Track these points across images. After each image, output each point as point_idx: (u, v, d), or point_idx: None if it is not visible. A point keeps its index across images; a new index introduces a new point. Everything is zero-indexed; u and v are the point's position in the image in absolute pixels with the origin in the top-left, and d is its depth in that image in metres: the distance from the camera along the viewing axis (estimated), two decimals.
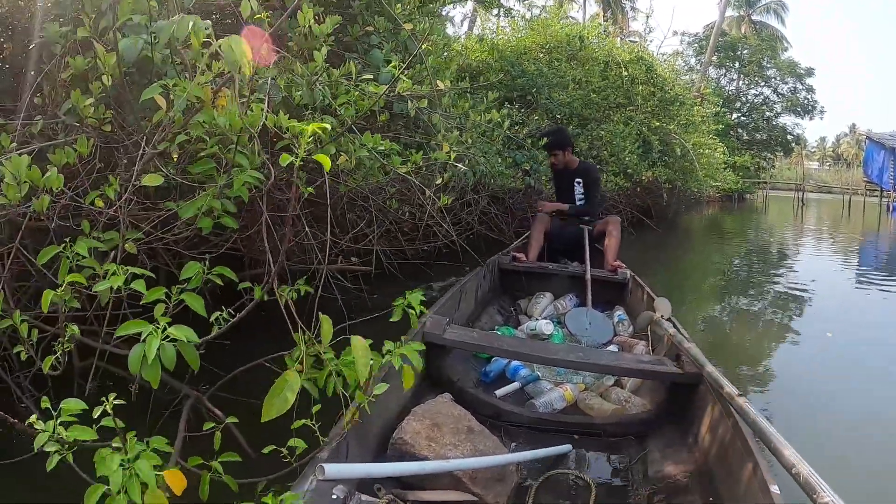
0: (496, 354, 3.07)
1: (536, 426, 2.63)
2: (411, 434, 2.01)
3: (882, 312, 6.94)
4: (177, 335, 1.38)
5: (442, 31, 5.29)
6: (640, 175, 11.03)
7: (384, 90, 2.63)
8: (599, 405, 2.78)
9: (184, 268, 1.77)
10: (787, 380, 4.22)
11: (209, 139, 1.90)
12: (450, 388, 2.76)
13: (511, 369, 3.16)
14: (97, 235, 1.87)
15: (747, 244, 13.74)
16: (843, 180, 51.66)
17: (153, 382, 1.36)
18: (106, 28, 2.17)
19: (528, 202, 8.09)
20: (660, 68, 13.63)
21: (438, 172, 3.38)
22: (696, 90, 18.23)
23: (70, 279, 1.52)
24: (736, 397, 1.94)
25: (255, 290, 2.11)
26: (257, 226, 2.45)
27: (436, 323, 2.83)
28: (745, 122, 38.20)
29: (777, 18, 41.41)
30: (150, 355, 1.32)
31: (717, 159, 16.86)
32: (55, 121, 2.41)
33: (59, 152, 1.95)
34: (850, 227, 20.74)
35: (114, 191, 1.84)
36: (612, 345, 3.66)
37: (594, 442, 2.54)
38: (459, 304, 3.76)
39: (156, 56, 1.99)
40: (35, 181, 1.69)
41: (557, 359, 2.76)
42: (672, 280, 8.08)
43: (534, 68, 9.27)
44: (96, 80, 2.14)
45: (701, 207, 24.97)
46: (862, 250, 14.24)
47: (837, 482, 1.45)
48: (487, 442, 2.12)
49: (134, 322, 1.40)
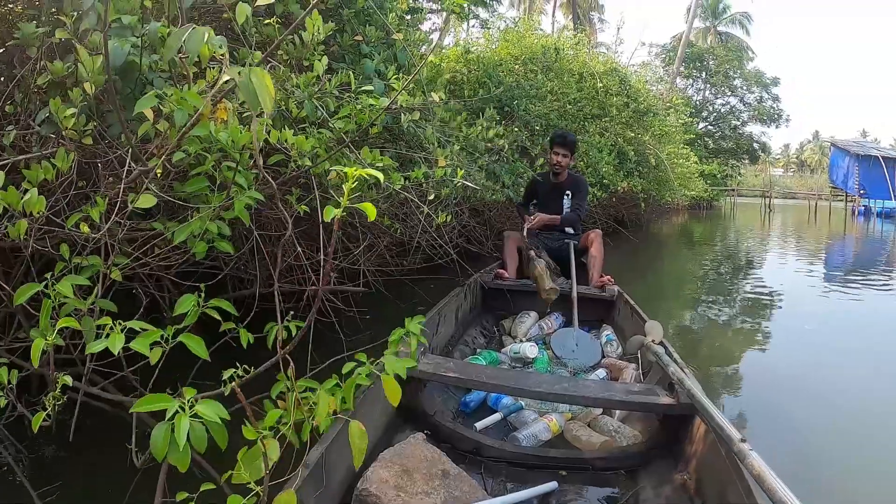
0: (475, 388, 2.86)
1: (520, 462, 2.46)
2: (377, 484, 1.81)
3: (852, 312, 7.15)
4: (205, 414, 1.21)
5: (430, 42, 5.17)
6: (616, 186, 11.05)
7: (387, 104, 2.48)
8: (587, 437, 2.64)
9: (178, 302, 1.60)
10: (754, 378, 4.38)
11: (209, 155, 1.73)
12: (425, 421, 2.62)
13: (493, 398, 3.02)
14: (77, 262, 1.71)
15: (720, 250, 14.10)
16: (808, 186, 52.72)
17: (181, 466, 1.19)
18: (87, 30, 1.99)
19: (507, 216, 8.01)
20: (633, 79, 13.70)
21: (432, 188, 3.25)
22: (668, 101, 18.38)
23: (62, 324, 1.34)
24: (738, 442, 1.77)
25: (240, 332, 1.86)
26: (247, 245, 2.32)
27: (405, 355, 2.65)
28: (713, 131, 38.78)
29: (742, 29, 42.36)
30: (181, 440, 1.15)
31: (690, 169, 17.06)
32: (28, 132, 2.24)
33: (36, 167, 1.75)
34: (818, 231, 21.35)
35: (98, 212, 1.67)
36: (601, 368, 3.52)
37: (582, 477, 2.38)
38: (438, 328, 3.59)
39: (144, 62, 1.83)
40: (13, 204, 1.51)
41: (542, 391, 2.55)
42: (651, 287, 8.27)
43: (511, 79, 9.22)
44: (76, 86, 1.96)
45: (671, 216, 25.43)
46: (831, 252, 14.92)
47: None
48: (464, 486, 1.96)
49: (156, 397, 1.22)
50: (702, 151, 31.80)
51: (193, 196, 1.91)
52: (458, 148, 3.72)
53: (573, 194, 5.31)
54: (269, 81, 1.18)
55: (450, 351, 3.75)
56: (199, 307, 1.64)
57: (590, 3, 41.60)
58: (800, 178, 74.55)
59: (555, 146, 5.26)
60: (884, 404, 3.90)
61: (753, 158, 43.00)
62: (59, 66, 2.02)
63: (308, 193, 2.53)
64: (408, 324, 2.05)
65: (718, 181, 34.20)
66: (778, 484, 1.52)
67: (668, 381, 2.54)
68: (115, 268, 1.73)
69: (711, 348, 5.20)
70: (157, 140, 1.91)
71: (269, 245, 2.91)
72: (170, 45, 1.21)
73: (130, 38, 1.87)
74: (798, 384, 4.25)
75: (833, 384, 4.28)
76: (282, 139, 1.84)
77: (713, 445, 2.12)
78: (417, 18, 4.79)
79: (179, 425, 1.18)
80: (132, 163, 1.83)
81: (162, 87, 1.97)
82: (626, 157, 11.72)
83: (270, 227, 3.16)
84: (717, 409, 2.05)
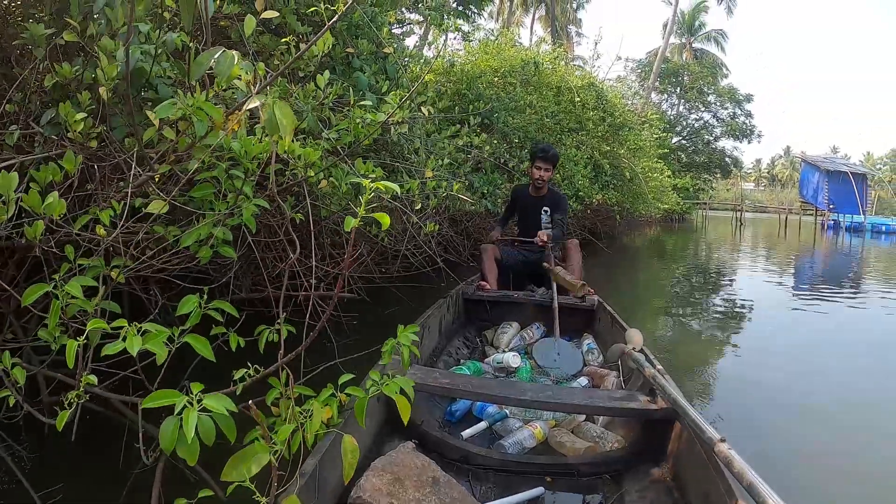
0: (461, 396, 2.94)
1: (506, 468, 2.50)
2: (371, 492, 1.86)
3: (818, 321, 7.44)
4: (214, 407, 1.26)
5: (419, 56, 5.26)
6: (591, 198, 11.18)
7: (385, 118, 2.55)
8: (571, 443, 2.67)
9: (180, 302, 1.65)
10: (728, 382, 4.64)
11: (220, 164, 1.79)
12: (413, 431, 2.63)
13: (478, 407, 3.06)
14: (82, 264, 1.75)
15: (691, 262, 14.39)
16: (779, 200, 53.53)
17: (190, 460, 1.24)
18: (93, 35, 2.02)
19: (484, 226, 8.08)
20: (609, 94, 13.88)
21: (419, 198, 3.32)
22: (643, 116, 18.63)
23: (92, 326, 1.38)
24: (718, 442, 1.86)
25: (230, 336, 1.90)
26: (242, 250, 2.37)
27: (395, 364, 2.61)
28: (686, 145, 39.33)
29: (717, 46, 43.06)
30: (189, 433, 1.20)
31: (664, 182, 17.28)
32: (30, 131, 2.26)
33: (45, 169, 1.79)
34: (788, 244, 21.79)
35: (109, 215, 1.71)
36: (583, 376, 3.57)
37: (568, 483, 2.44)
38: (423, 340, 3.60)
39: (154, 69, 1.88)
40: (34, 207, 1.55)
41: (526, 399, 2.61)
42: (625, 297, 8.33)
43: (490, 92, 9.31)
44: (85, 90, 2.00)
45: (644, 227, 25.73)
46: (801, 264, 15.40)
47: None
48: (454, 493, 2.00)
49: (165, 392, 1.27)
50: (675, 165, 32.20)
51: (203, 203, 1.96)
52: (446, 160, 3.79)
53: (552, 210, 5.35)
54: (289, 112, 1.25)
55: (434, 362, 3.78)
56: (200, 308, 1.69)
57: (568, 17, 42.08)
58: (771, 193, 75.91)
59: (537, 160, 5.28)
60: (848, 405, 4.18)
61: (725, 173, 43.68)
62: (67, 69, 2.05)
63: (300, 201, 2.58)
64: (400, 334, 2.05)
65: (691, 195, 34.65)
66: (757, 479, 1.60)
67: (649, 386, 2.61)
68: (118, 270, 1.77)
69: (688, 355, 5.36)
70: (160, 145, 1.96)
71: (261, 251, 2.95)
72: (199, 63, 1.27)
73: (142, 46, 1.92)
74: (770, 386, 4.45)
75: (802, 387, 4.53)
76: (290, 151, 1.89)
77: (694, 447, 2.18)
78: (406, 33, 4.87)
79: (188, 419, 1.23)
80: (138, 168, 1.87)
81: (167, 95, 2.02)
82: (601, 170, 11.86)
83: (261, 233, 3.20)
84: (696, 412, 2.12)
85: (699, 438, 2.05)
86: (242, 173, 1.79)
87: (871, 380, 4.85)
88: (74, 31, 2.01)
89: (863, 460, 3.31)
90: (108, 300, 1.79)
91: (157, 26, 1.89)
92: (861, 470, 3.19)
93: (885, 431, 3.72)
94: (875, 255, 18.97)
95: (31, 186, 1.69)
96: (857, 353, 5.81)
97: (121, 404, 2.33)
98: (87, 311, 1.62)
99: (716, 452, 1.85)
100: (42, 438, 2.53)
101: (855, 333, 6.80)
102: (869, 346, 6.12)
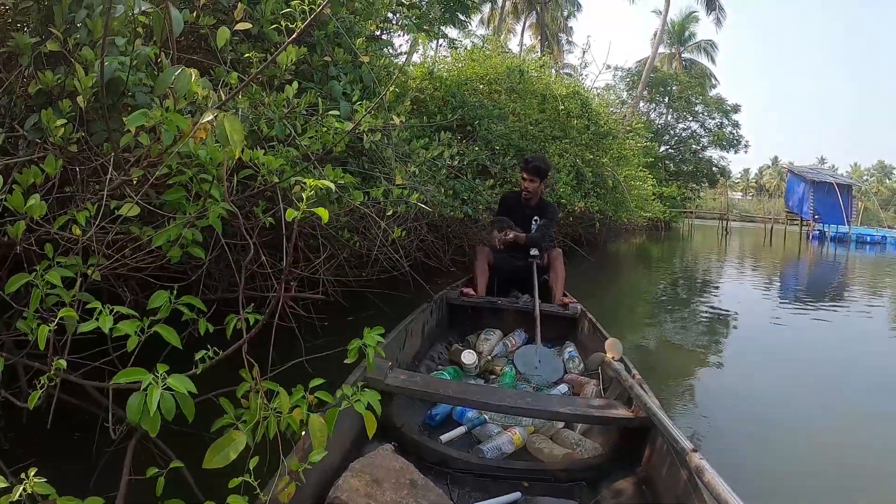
0: (441, 401, 2.99)
1: (484, 473, 2.55)
2: (348, 492, 1.88)
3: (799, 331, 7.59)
4: (177, 387, 1.39)
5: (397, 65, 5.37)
6: (573, 205, 11.27)
7: (352, 128, 2.67)
8: (550, 449, 2.72)
9: (151, 297, 1.77)
10: (706, 392, 4.71)
11: (188, 170, 1.91)
12: (392, 434, 2.68)
13: (458, 412, 3.11)
14: (60, 261, 1.86)
15: (677, 271, 14.48)
16: (766, 210, 53.92)
17: (151, 431, 1.37)
18: (77, 44, 2.14)
19: (465, 231, 8.16)
20: (594, 103, 14.00)
21: (390, 204, 3.43)
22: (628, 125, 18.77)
23: (63, 314, 1.51)
24: (690, 452, 1.91)
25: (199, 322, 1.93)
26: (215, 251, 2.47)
27: (377, 367, 2.68)
28: (673, 154, 39.53)
29: (707, 57, 43.40)
30: (152, 407, 1.33)
31: (647, 191, 17.42)
32: (15, 135, 2.36)
33: (27, 171, 1.90)
34: (773, 253, 21.93)
35: (84, 216, 1.83)
36: (563, 384, 3.64)
37: (545, 488, 2.49)
38: (404, 345, 3.68)
39: (130, 79, 2.00)
40: (17, 208, 1.68)
41: (506, 405, 2.66)
42: (606, 307, 8.41)
43: (474, 99, 9.39)
44: (66, 97, 2.11)
45: (629, 236, 25.85)
46: (786, 273, 15.74)
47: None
48: (431, 496, 2.01)
49: (134, 370, 1.40)
50: (662, 174, 32.40)
51: (167, 204, 2.08)
52: (416, 169, 3.90)
53: (541, 219, 5.50)
54: (238, 127, 1.39)
55: (416, 366, 3.83)
56: (171, 303, 1.81)
57: (559, 25, 42.38)
58: (758, 202, 76.46)
59: (524, 172, 5.47)
60: (825, 417, 4.30)
61: (712, 182, 43.96)
62: (49, 77, 2.17)
63: (273, 205, 2.69)
64: (366, 335, 1.98)
65: (677, 203, 34.86)
66: (727, 490, 1.67)
67: (627, 395, 2.69)
68: (94, 268, 1.89)
69: (669, 364, 5.50)
70: (136, 151, 2.08)
71: (234, 253, 3.06)
72: (162, 80, 1.41)
73: (119, 57, 2.04)
74: (747, 397, 4.59)
75: (780, 398, 4.65)
76: (253, 157, 2.01)
77: (668, 456, 2.26)
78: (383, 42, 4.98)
79: (152, 395, 1.36)
80: (114, 171, 1.99)
81: (145, 102, 2.14)
82: (583, 177, 11.95)
83: (237, 236, 3.31)
84: (672, 422, 2.21)
85: (673, 448, 2.13)
86: (210, 178, 1.91)
87: (850, 391, 4.96)
88: (57, 40, 2.13)
89: (837, 472, 3.42)
90: (86, 294, 1.91)
91: (132, 39, 2.00)
92: (834, 483, 3.28)
93: (860, 442, 3.83)
94: (859, 264, 19.23)
95: (13, 188, 1.82)
96: (837, 363, 5.95)
97: (95, 391, 2.43)
98: (65, 303, 1.73)
99: (688, 461, 1.91)
100: (21, 427, 2.61)
101: (836, 344, 6.98)
102: (849, 355, 6.28)
